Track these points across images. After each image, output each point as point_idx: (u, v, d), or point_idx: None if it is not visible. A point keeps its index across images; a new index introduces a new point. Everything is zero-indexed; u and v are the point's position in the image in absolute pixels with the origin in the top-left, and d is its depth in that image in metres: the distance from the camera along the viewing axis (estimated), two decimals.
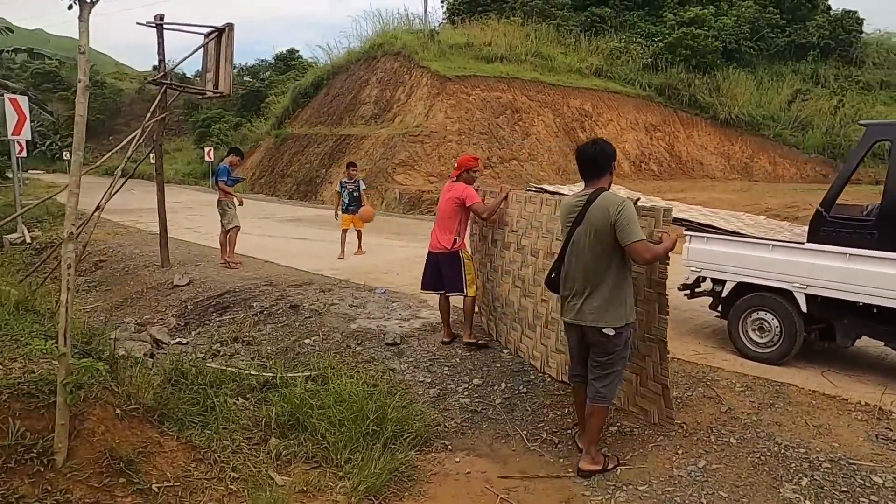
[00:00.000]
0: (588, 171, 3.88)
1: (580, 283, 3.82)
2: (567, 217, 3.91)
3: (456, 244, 5.83)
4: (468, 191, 5.82)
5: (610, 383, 3.88)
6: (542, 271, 5.10)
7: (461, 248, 5.86)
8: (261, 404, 4.82)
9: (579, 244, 3.80)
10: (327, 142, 25.47)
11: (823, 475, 3.80)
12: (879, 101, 29.46)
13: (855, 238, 4.87)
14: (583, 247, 3.78)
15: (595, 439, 3.99)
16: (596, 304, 3.76)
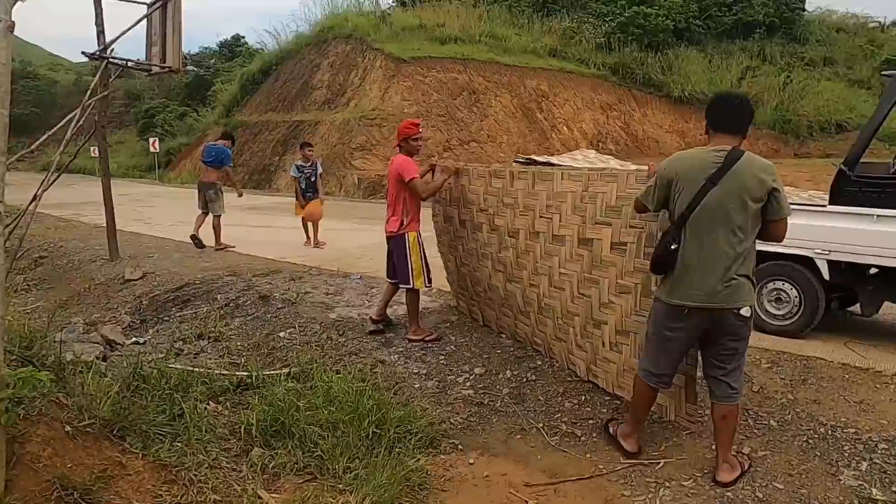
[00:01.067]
0: (730, 123, 3.18)
1: (715, 258, 3.10)
2: (697, 175, 3.08)
3: (403, 226, 5.16)
4: (405, 164, 5.07)
5: (741, 375, 3.33)
6: (526, 253, 4.60)
7: (408, 232, 5.17)
8: (237, 408, 4.20)
9: (719, 210, 3.07)
10: (279, 129, 24.50)
11: (883, 458, 3.43)
12: (824, 77, 30.08)
13: (883, 198, 4.52)
14: (725, 213, 3.07)
15: (732, 444, 3.41)
16: (736, 282, 3.11)
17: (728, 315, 3.12)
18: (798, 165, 18.66)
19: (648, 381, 3.43)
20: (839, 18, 36.00)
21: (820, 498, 3.19)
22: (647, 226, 3.63)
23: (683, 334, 3.25)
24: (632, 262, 3.76)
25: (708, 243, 3.09)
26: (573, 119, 25.77)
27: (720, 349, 3.24)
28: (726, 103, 3.27)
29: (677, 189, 3.14)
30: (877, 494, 3.17)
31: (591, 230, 4.01)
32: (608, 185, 3.88)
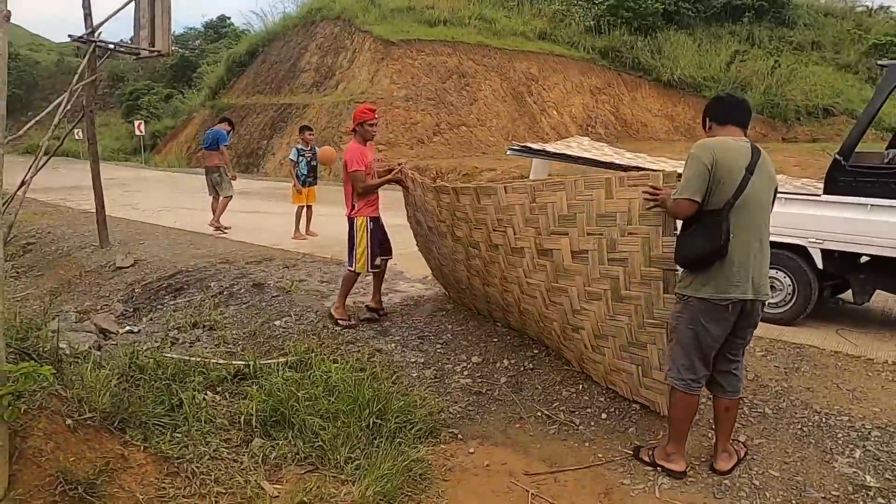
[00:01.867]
0: (739, 115, 3.20)
1: (761, 247, 3.11)
2: (738, 162, 3.02)
3: (354, 210, 5.23)
4: (351, 153, 5.12)
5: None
6: (491, 263, 4.49)
7: (357, 216, 5.22)
8: (235, 398, 4.20)
9: (758, 199, 3.06)
10: (267, 111, 24.26)
11: (876, 445, 3.49)
12: (812, 61, 30.17)
13: (877, 187, 4.56)
14: (762, 202, 3.10)
15: (731, 434, 3.44)
16: (765, 272, 3.14)
17: (758, 305, 3.16)
18: (786, 150, 18.75)
19: (690, 391, 3.23)
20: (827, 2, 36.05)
21: (815, 485, 3.25)
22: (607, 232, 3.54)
23: (723, 331, 3.14)
24: (596, 269, 3.67)
25: (753, 232, 3.07)
26: (563, 103, 25.71)
27: (739, 341, 3.26)
28: (732, 98, 3.31)
29: (718, 178, 3.00)
30: (870, 481, 3.23)
31: (548, 241, 3.88)
32: (556, 194, 3.75)
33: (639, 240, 3.41)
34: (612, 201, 3.47)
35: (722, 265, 3.03)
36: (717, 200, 3.01)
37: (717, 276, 3.05)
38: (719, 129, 3.20)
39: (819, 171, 12.24)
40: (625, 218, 3.43)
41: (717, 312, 3.08)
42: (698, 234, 3.05)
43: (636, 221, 3.39)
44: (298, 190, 8.80)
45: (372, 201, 5.26)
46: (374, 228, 5.25)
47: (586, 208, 3.58)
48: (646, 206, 3.32)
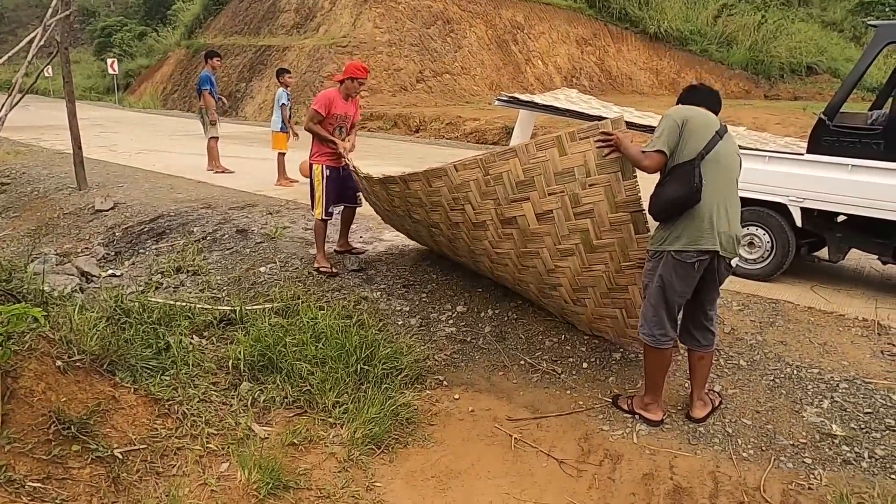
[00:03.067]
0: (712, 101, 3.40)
1: (733, 201, 3.27)
2: (707, 123, 3.22)
3: (311, 155, 5.29)
4: (321, 94, 5.27)
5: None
6: (455, 238, 4.42)
7: (314, 162, 5.25)
8: (222, 343, 4.25)
9: (727, 161, 3.24)
10: (246, 53, 23.59)
11: (843, 396, 3.65)
12: (798, 17, 29.96)
13: (859, 148, 4.63)
14: (730, 164, 3.28)
15: (706, 383, 3.60)
16: (733, 232, 3.23)
17: (723, 263, 3.27)
18: (768, 107, 18.77)
19: (660, 345, 3.34)
20: None
21: (784, 433, 3.41)
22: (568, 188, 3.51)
23: (688, 287, 3.26)
24: (564, 226, 3.64)
25: (722, 190, 3.18)
26: (548, 53, 25.33)
27: (709, 298, 3.38)
28: (705, 88, 3.50)
29: (687, 132, 3.15)
30: (836, 430, 3.39)
31: (510, 209, 3.79)
32: (509, 162, 3.64)
33: (601, 189, 3.41)
34: (566, 157, 3.43)
35: (692, 217, 3.15)
36: (689, 152, 3.15)
37: (689, 228, 3.17)
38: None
39: (800, 129, 12.34)
40: (583, 171, 3.41)
41: (684, 269, 3.20)
42: (671, 182, 3.18)
43: (595, 172, 3.38)
44: (295, 134, 8.53)
45: (323, 149, 5.21)
46: (331, 176, 5.22)
47: (542, 169, 3.52)
48: (602, 155, 3.34)
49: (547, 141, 3.47)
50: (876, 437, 3.33)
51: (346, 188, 5.37)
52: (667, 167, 3.20)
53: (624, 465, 3.26)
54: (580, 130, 3.36)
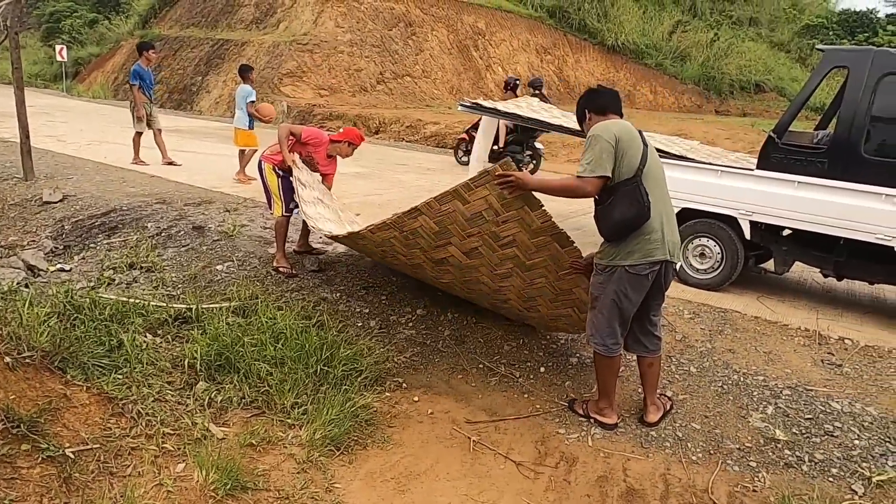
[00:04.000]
0: (617, 105, 3.43)
1: (671, 210, 3.37)
2: (634, 136, 3.24)
3: (263, 155, 5.32)
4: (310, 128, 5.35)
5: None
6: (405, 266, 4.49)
7: (264, 160, 5.26)
8: (177, 342, 4.17)
9: (658, 170, 3.34)
10: (203, 46, 23.10)
11: (786, 403, 3.82)
12: (748, 36, 31.07)
13: (804, 166, 4.86)
14: (661, 174, 3.37)
15: (657, 388, 3.70)
16: (676, 239, 3.35)
17: (671, 269, 3.38)
18: (718, 122, 19.39)
19: (612, 353, 3.42)
20: None
21: (731, 437, 3.55)
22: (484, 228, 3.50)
23: (641, 296, 3.33)
24: (493, 257, 3.67)
25: (660, 200, 3.27)
26: (508, 60, 25.61)
27: (655, 304, 3.48)
28: (606, 90, 3.52)
29: (621, 151, 3.15)
30: (779, 435, 3.55)
31: (437, 253, 3.85)
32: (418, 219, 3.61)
33: (515, 223, 3.39)
34: (470, 205, 3.39)
35: (644, 232, 3.20)
36: (628, 170, 3.16)
37: (641, 242, 3.22)
38: (600, 119, 3.35)
39: (748, 144, 12.80)
40: (491, 212, 3.38)
41: (638, 281, 3.27)
42: (618, 203, 3.17)
43: (502, 211, 3.35)
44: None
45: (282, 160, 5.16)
46: (285, 178, 5.20)
47: (452, 219, 3.51)
48: (504, 196, 3.26)
49: (446, 195, 3.39)
50: (816, 442, 3.49)
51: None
52: (605, 188, 3.19)
53: (579, 467, 3.33)
54: (473, 180, 3.28)
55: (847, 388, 4.00)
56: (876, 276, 5.04)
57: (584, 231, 7.38)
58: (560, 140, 13.47)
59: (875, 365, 4.35)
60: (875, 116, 4.70)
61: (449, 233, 3.63)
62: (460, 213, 3.45)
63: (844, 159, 4.71)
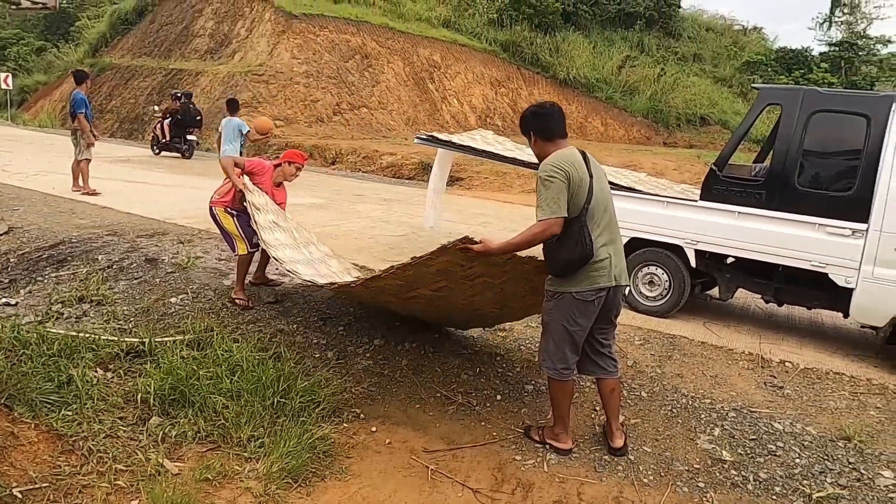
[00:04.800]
0: (561, 127, 3.42)
1: (617, 238, 3.46)
2: (581, 169, 3.30)
3: (213, 199, 5.27)
4: (253, 159, 5.44)
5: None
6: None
7: (215, 205, 5.23)
8: (129, 376, 4.10)
9: (603, 196, 3.40)
10: (155, 76, 22.90)
11: (732, 424, 3.97)
12: (693, 72, 32.41)
13: (744, 197, 5.11)
14: (607, 197, 3.42)
15: (620, 413, 3.78)
16: (623, 263, 3.45)
17: (619, 292, 3.50)
18: (666, 154, 20.10)
19: (563, 378, 3.52)
20: (709, 18, 38.73)
21: (681, 459, 3.66)
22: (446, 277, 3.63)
23: (589, 321, 3.42)
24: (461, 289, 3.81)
25: (606, 228, 3.39)
26: (463, 92, 26.09)
27: (606, 327, 3.59)
28: (551, 111, 3.44)
29: (573, 190, 3.23)
30: (726, 456, 3.68)
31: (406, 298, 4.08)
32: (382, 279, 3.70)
33: (482, 266, 3.51)
34: (434, 266, 3.44)
35: (590, 263, 3.32)
36: (574, 209, 3.25)
37: (587, 271, 3.32)
38: (548, 145, 3.40)
39: (694, 175, 13.30)
40: (456, 266, 3.49)
41: (585, 307, 3.37)
42: (564, 243, 3.27)
43: (468, 263, 3.44)
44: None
45: (230, 194, 5.18)
46: (240, 215, 5.17)
47: (417, 276, 3.61)
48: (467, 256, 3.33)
49: (408, 266, 3.42)
50: (760, 462, 3.64)
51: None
52: None
53: (535, 493, 3.39)
54: (434, 254, 3.27)
55: (788, 409, 4.19)
56: (813, 301, 5.31)
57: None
58: (514, 171, 13.74)
59: (814, 386, 4.56)
60: (807, 150, 5.00)
61: (415, 285, 3.78)
62: (426, 272, 3.54)
63: (780, 191, 4.98)
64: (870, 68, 32.43)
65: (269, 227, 4.97)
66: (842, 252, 4.82)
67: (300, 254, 5.04)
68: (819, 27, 35.84)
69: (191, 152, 15.71)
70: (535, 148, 3.49)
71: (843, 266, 4.83)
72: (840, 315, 5.23)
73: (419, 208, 8.50)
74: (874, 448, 3.78)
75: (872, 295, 4.79)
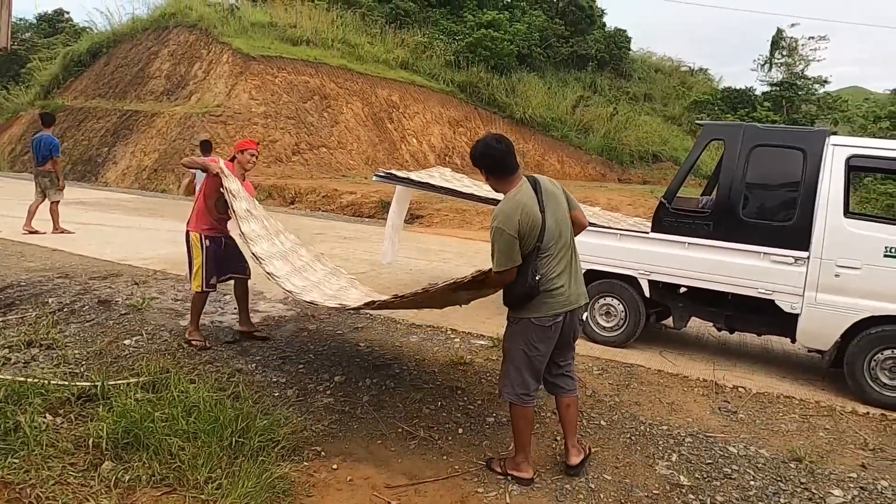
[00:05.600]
0: (515, 162, 3.49)
1: (566, 266, 3.50)
2: (534, 210, 3.38)
3: (189, 223, 5.23)
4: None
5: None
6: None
7: (191, 230, 5.18)
8: (81, 421, 3.98)
9: (557, 227, 3.45)
10: (110, 117, 22.64)
11: (689, 450, 4.04)
12: (644, 111, 33.61)
13: (693, 228, 5.30)
14: (561, 225, 3.47)
15: (577, 431, 3.82)
16: (580, 286, 3.57)
17: (576, 315, 3.59)
18: (621, 190, 20.66)
19: (524, 404, 3.56)
20: (658, 60, 40.38)
21: (640, 486, 3.71)
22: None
23: (548, 347, 3.52)
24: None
25: (561, 257, 3.48)
26: (422, 132, 26.47)
27: (564, 350, 3.69)
28: (500, 150, 3.45)
29: (523, 236, 3.33)
30: (684, 480, 3.74)
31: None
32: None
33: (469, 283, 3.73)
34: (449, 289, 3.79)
35: (545, 293, 3.42)
36: (525, 249, 3.37)
37: (543, 299, 3.43)
38: (500, 182, 3.50)
39: (648, 210, 13.68)
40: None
41: (543, 332, 3.47)
42: (516, 279, 3.41)
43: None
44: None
45: (210, 220, 5.14)
46: (212, 247, 5.14)
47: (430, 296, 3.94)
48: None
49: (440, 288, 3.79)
50: (716, 485, 3.71)
51: (232, 258, 5.28)
52: None
53: None
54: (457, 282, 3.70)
55: (742, 433, 4.29)
56: (762, 327, 5.49)
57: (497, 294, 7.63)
58: (474, 208, 13.93)
59: (766, 410, 4.69)
60: (749, 183, 5.24)
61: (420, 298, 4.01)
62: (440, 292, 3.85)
63: (726, 222, 5.19)
64: (809, 107, 34.11)
65: (246, 218, 4.85)
66: (786, 279, 5.02)
67: (274, 246, 4.97)
68: (760, 68, 37.62)
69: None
70: (489, 183, 3.61)
71: (787, 293, 5.03)
72: (788, 340, 5.41)
73: (379, 245, 8.53)
74: (824, 468, 3.90)
75: (816, 320, 4.99)
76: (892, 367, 4.83)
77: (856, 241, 4.85)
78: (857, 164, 5.03)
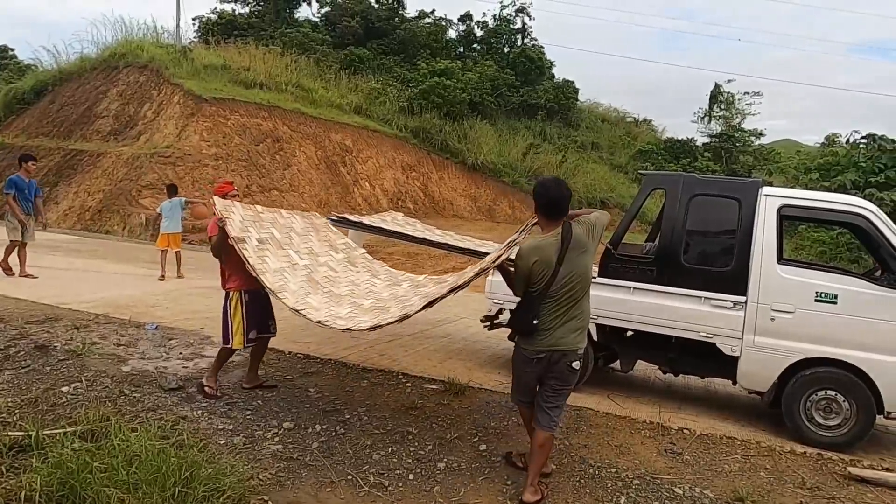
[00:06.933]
0: (564, 212, 3.82)
1: (567, 313, 3.80)
2: (550, 258, 3.70)
3: (224, 282, 5.23)
4: (210, 227, 5.14)
5: (562, 413, 4.06)
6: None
7: (229, 289, 5.18)
8: (13, 473, 3.79)
9: (570, 279, 3.74)
10: (53, 156, 22.02)
11: (636, 492, 4.10)
12: (592, 159, 34.66)
13: (637, 273, 5.47)
14: (575, 277, 3.76)
15: (541, 469, 3.98)
16: (573, 334, 3.82)
17: (563, 360, 3.81)
18: None
19: (520, 405, 4.22)
20: (604, 110, 41.88)
21: None
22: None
23: (530, 378, 3.98)
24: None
25: (564, 304, 3.78)
26: (375, 176, 26.61)
27: (548, 389, 3.91)
28: (561, 197, 3.81)
29: (533, 274, 3.73)
30: None
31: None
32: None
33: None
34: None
35: (536, 330, 3.82)
36: (534, 287, 3.79)
37: (531, 335, 3.85)
38: (543, 221, 3.87)
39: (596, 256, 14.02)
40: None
41: (527, 363, 3.92)
42: (519, 312, 3.90)
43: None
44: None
45: (238, 273, 5.04)
46: (251, 300, 5.15)
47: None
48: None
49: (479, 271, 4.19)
50: None
51: (265, 311, 5.29)
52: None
53: None
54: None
55: (687, 474, 4.38)
56: (705, 370, 5.66)
57: (450, 338, 7.66)
58: (426, 252, 14.00)
59: (710, 451, 4.81)
60: (690, 230, 5.47)
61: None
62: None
63: (668, 267, 5.39)
64: (746, 157, 35.83)
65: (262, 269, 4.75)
66: (726, 323, 5.22)
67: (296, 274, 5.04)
68: (700, 120, 39.46)
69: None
70: (536, 214, 3.94)
71: (727, 336, 5.23)
72: (730, 382, 5.58)
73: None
74: None
75: (755, 362, 5.18)
76: (825, 407, 5.03)
77: (789, 287, 5.09)
78: (788, 214, 5.32)
